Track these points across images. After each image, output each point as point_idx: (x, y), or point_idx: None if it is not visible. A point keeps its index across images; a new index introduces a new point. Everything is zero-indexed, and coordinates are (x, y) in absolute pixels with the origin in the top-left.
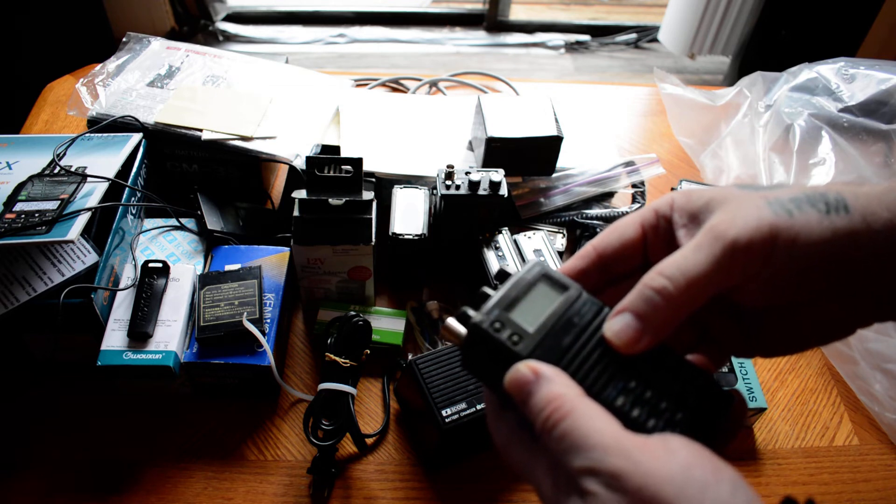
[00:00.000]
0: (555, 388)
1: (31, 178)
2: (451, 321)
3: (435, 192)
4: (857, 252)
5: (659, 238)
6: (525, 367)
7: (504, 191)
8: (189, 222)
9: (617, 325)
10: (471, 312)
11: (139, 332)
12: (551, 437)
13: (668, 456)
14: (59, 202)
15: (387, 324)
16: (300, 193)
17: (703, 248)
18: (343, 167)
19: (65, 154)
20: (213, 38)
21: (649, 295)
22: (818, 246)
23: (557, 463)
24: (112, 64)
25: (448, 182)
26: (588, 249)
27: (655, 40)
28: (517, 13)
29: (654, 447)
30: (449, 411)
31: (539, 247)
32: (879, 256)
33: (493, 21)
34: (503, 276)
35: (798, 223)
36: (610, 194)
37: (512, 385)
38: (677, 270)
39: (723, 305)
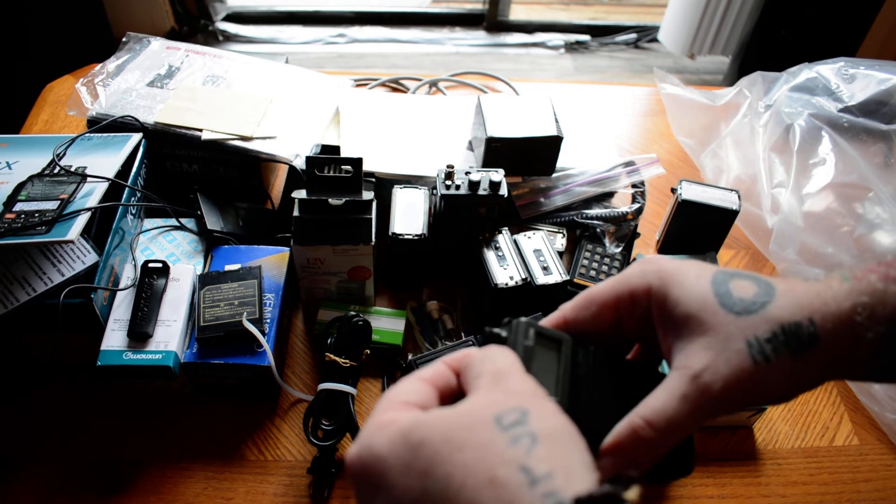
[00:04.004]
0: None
1: (31, 178)
2: None
3: (435, 192)
4: (817, 384)
5: (633, 318)
6: None
7: (504, 191)
8: (189, 222)
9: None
10: None
11: (139, 332)
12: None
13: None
14: (58, 202)
15: (387, 324)
16: (300, 193)
17: (687, 401)
18: (343, 167)
19: (65, 154)
20: (213, 38)
21: (635, 442)
22: (784, 392)
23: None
24: (112, 64)
25: (448, 182)
26: (559, 318)
27: (655, 40)
28: (517, 13)
29: None
30: None
31: (539, 247)
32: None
33: (493, 21)
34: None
35: (773, 371)
36: (610, 194)
37: None
38: (663, 421)
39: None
